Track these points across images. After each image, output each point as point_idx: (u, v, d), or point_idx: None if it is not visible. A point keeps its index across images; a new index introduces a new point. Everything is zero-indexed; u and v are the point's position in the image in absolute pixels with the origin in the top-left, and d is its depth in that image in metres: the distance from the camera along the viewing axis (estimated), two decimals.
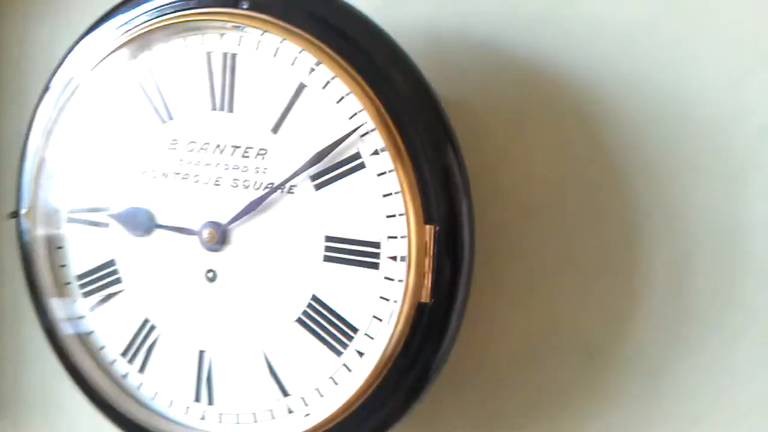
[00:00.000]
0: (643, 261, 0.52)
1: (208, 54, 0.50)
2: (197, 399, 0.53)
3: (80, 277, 0.55)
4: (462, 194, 0.46)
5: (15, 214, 0.57)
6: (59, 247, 0.56)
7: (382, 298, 0.48)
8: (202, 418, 0.53)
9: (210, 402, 0.53)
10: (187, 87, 0.51)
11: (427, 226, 0.46)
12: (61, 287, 0.56)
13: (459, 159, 0.47)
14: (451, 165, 0.47)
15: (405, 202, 0.46)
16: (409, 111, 0.46)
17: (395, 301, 0.47)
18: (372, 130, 0.47)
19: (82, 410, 0.59)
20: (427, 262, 0.46)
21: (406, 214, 0.46)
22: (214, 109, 0.51)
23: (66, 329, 0.55)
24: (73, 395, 0.56)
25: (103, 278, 0.55)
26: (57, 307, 0.56)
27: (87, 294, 0.55)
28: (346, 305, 0.49)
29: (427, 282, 0.46)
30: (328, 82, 0.48)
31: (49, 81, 0.55)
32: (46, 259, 0.56)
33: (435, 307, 0.47)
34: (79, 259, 0.55)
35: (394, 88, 0.46)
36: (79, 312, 0.56)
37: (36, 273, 0.56)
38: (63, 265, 0.56)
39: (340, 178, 0.48)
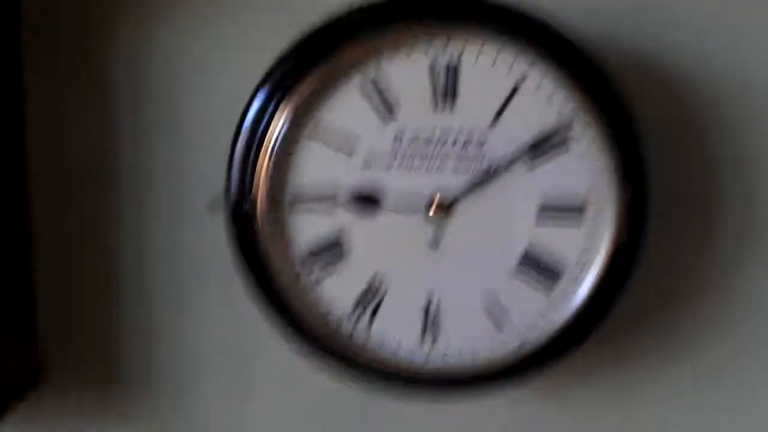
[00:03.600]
0: None
1: (432, 64, 0.61)
2: (424, 341, 0.66)
3: (304, 256, 0.65)
4: (647, 162, 0.62)
5: (220, 204, 0.65)
6: (282, 233, 0.65)
7: (586, 247, 0.63)
8: (430, 354, 0.66)
9: (434, 342, 0.65)
10: (411, 92, 0.62)
11: (627, 186, 0.61)
12: (285, 267, 0.65)
13: (641, 134, 0.62)
14: (637, 138, 0.62)
15: (613, 171, 0.61)
16: (606, 104, 0.61)
17: (598, 247, 0.63)
18: (577, 119, 0.61)
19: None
20: (625, 215, 0.62)
21: (614, 179, 0.61)
22: (436, 108, 0.62)
23: (295, 302, 0.65)
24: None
25: (329, 255, 0.65)
26: (286, 284, 0.65)
27: (312, 271, 0.65)
28: (555, 256, 0.64)
29: (624, 229, 0.62)
30: (539, 85, 0.61)
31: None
32: (272, 244, 0.64)
33: (629, 249, 0.63)
34: (302, 242, 0.65)
35: (594, 85, 0.61)
36: (306, 284, 0.65)
37: (262, 258, 0.64)
38: (286, 248, 0.65)
39: (551, 158, 0.62)
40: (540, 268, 0.64)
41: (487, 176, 0.62)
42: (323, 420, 0.78)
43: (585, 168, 0.62)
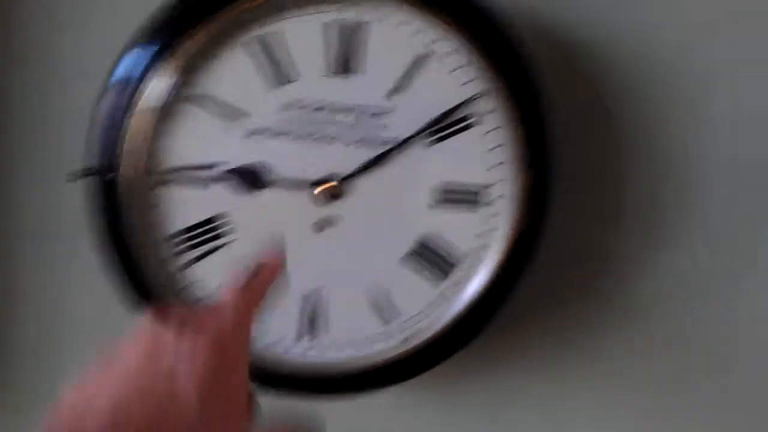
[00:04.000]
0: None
1: (328, 23, 0.55)
2: (302, 335, 0.59)
3: (176, 235, 0.57)
4: (553, 146, 0.58)
5: (82, 173, 0.57)
6: (152, 208, 0.57)
7: (483, 233, 0.58)
8: (309, 350, 0.59)
9: (312, 338, 0.59)
10: (304, 53, 0.56)
11: (529, 171, 0.57)
12: (154, 247, 0.57)
13: (551, 117, 0.58)
14: (547, 121, 0.58)
15: (517, 151, 0.57)
16: (518, 77, 0.57)
17: (496, 234, 0.58)
18: (487, 93, 0.56)
19: None
20: (526, 200, 0.57)
21: (518, 161, 0.57)
22: (335, 73, 0.56)
23: (162, 284, 0.57)
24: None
25: (204, 234, 0.57)
26: (153, 266, 0.57)
27: (184, 250, 0.57)
28: (451, 242, 0.58)
29: (525, 215, 0.58)
30: (449, 52, 0.56)
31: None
32: (139, 220, 0.56)
33: (526, 235, 0.58)
34: (175, 218, 0.57)
35: (507, 57, 0.56)
36: (173, 268, 0.58)
37: (127, 231, 0.56)
38: (155, 225, 0.57)
39: (455, 134, 0.57)
40: (433, 257, 0.58)
41: (384, 152, 0.57)
42: None
43: (487, 149, 0.57)
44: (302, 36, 0.56)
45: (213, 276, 0.58)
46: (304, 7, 0.55)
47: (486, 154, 0.57)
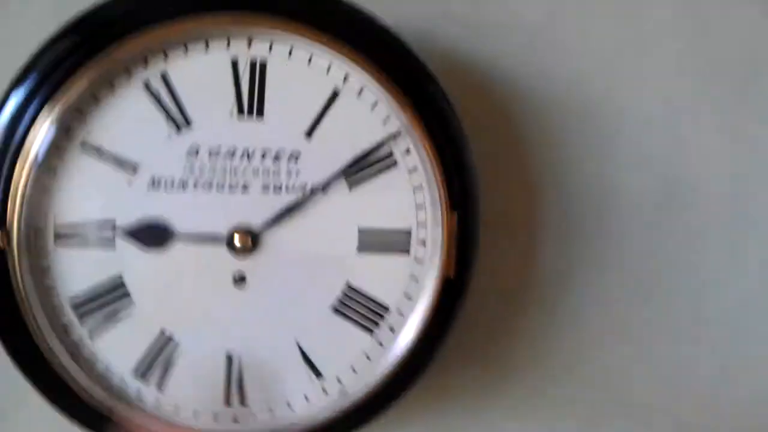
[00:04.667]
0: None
1: (234, 60, 0.51)
2: (228, 403, 0.54)
3: (76, 299, 0.52)
4: (476, 186, 0.56)
5: None
6: (45, 271, 0.51)
7: (412, 277, 0.55)
8: (235, 421, 0.54)
9: (242, 403, 0.54)
10: (208, 93, 0.51)
11: (453, 213, 0.54)
12: (50, 314, 0.51)
13: (471, 156, 0.56)
14: (467, 161, 0.55)
15: (438, 192, 0.53)
16: (434, 115, 0.54)
17: (425, 279, 0.55)
18: (404, 132, 0.53)
19: None
20: (453, 243, 0.54)
21: (440, 202, 0.54)
22: (240, 114, 0.52)
23: (59, 356, 0.51)
24: None
25: (106, 297, 0.52)
26: (47, 334, 0.51)
27: (84, 315, 0.52)
28: (378, 288, 0.55)
29: (452, 259, 0.55)
30: (362, 89, 0.53)
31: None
32: (32, 286, 0.51)
33: (456, 280, 0.55)
34: (73, 281, 0.51)
35: (421, 95, 0.53)
36: (75, 336, 0.52)
37: (17, 301, 0.50)
38: (50, 290, 0.51)
39: (374, 176, 0.53)
40: (363, 303, 0.54)
41: (303, 197, 0.53)
42: None
43: (410, 188, 0.54)
44: (203, 75, 0.51)
45: (118, 345, 0.52)
46: (204, 42, 0.51)
47: (407, 197, 0.54)
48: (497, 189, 0.64)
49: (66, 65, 0.49)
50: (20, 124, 0.49)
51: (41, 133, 0.49)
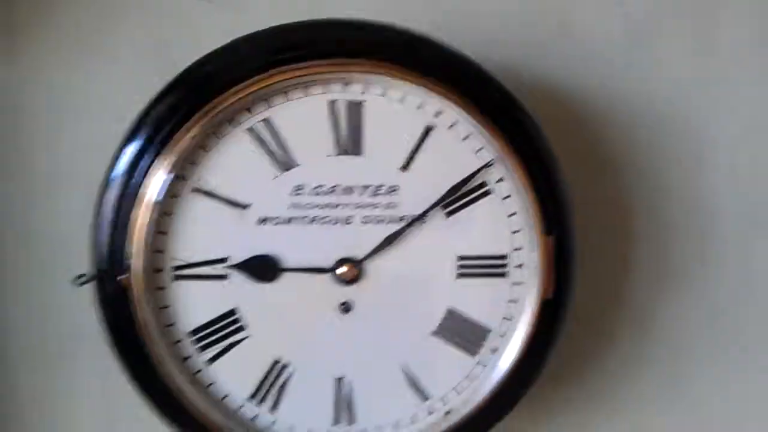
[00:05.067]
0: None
1: (332, 102, 0.54)
2: (337, 422, 0.57)
3: (194, 332, 0.55)
4: (569, 209, 0.57)
5: (88, 278, 0.55)
6: (165, 307, 0.55)
7: (510, 300, 0.56)
8: None
9: (351, 422, 0.57)
10: (310, 134, 0.54)
11: (549, 237, 0.55)
12: (171, 347, 0.55)
13: (563, 180, 0.57)
14: (560, 185, 0.56)
15: (533, 217, 0.55)
16: (525, 143, 0.55)
17: (524, 301, 0.56)
18: (497, 161, 0.55)
19: None
20: (550, 265, 0.56)
21: (534, 227, 0.55)
22: (340, 153, 0.54)
23: (180, 384, 0.55)
24: None
25: (222, 329, 0.55)
26: (168, 364, 0.55)
27: (203, 348, 0.55)
28: (478, 312, 0.56)
29: (550, 281, 0.56)
30: (454, 123, 0.54)
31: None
32: (153, 321, 0.54)
33: (554, 301, 0.57)
34: (190, 315, 0.55)
35: (511, 124, 0.55)
36: (195, 367, 0.56)
37: (140, 335, 0.54)
38: (170, 325, 0.55)
39: (469, 204, 0.55)
40: (464, 327, 0.56)
41: (402, 228, 0.55)
42: None
43: (505, 215, 0.56)
44: (304, 117, 0.54)
45: (234, 373, 0.56)
46: (303, 88, 0.54)
47: (502, 223, 0.56)
48: (593, 211, 0.65)
49: (175, 118, 0.53)
50: (135, 174, 0.53)
51: (156, 182, 0.53)
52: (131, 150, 0.54)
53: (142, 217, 0.53)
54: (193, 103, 0.53)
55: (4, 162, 0.64)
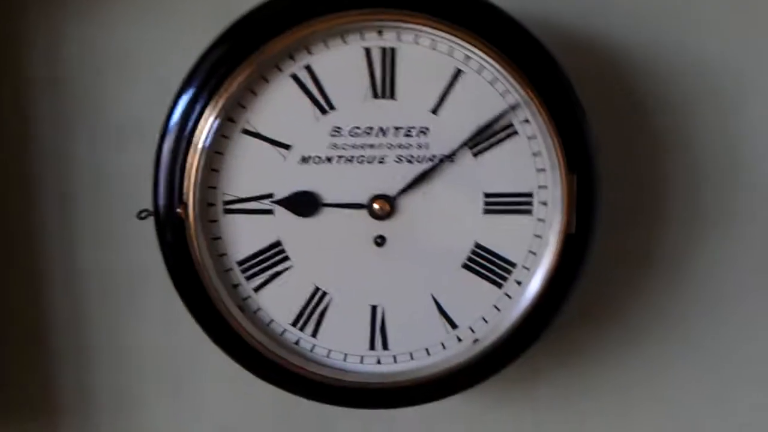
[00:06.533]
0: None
1: (367, 49, 0.58)
2: (372, 347, 0.62)
3: (242, 262, 0.61)
4: (592, 148, 0.60)
5: (149, 213, 0.60)
6: (217, 238, 0.60)
7: (535, 236, 0.60)
8: (378, 362, 0.62)
9: (385, 347, 0.62)
10: (347, 79, 0.59)
11: (572, 175, 0.59)
12: (222, 275, 0.61)
13: (587, 121, 0.60)
14: (583, 126, 0.60)
15: (556, 157, 0.58)
16: (549, 86, 0.59)
17: (548, 236, 0.60)
18: (522, 104, 0.58)
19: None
20: (572, 202, 0.59)
21: (558, 166, 0.58)
22: (375, 97, 0.59)
23: (231, 309, 0.61)
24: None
25: (268, 259, 0.61)
26: (220, 292, 0.60)
27: (250, 276, 0.61)
28: (504, 246, 0.60)
29: (572, 217, 0.59)
30: (481, 67, 0.58)
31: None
32: (206, 251, 0.60)
33: (577, 236, 0.60)
34: (239, 246, 0.61)
35: (536, 69, 0.58)
36: (244, 294, 0.61)
37: (194, 264, 0.60)
38: (222, 254, 0.61)
39: (496, 145, 0.59)
40: (491, 260, 0.61)
41: (431, 166, 0.59)
42: None
43: (530, 154, 0.59)
44: (342, 64, 0.58)
45: (278, 300, 0.61)
46: (341, 36, 0.58)
47: (528, 162, 0.59)
48: (621, 151, 0.68)
49: (225, 66, 0.58)
50: (190, 118, 0.59)
51: (208, 125, 0.58)
52: (186, 97, 0.59)
53: (195, 157, 0.59)
54: (241, 52, 0.58)
55: (82, 113, 0.69)
